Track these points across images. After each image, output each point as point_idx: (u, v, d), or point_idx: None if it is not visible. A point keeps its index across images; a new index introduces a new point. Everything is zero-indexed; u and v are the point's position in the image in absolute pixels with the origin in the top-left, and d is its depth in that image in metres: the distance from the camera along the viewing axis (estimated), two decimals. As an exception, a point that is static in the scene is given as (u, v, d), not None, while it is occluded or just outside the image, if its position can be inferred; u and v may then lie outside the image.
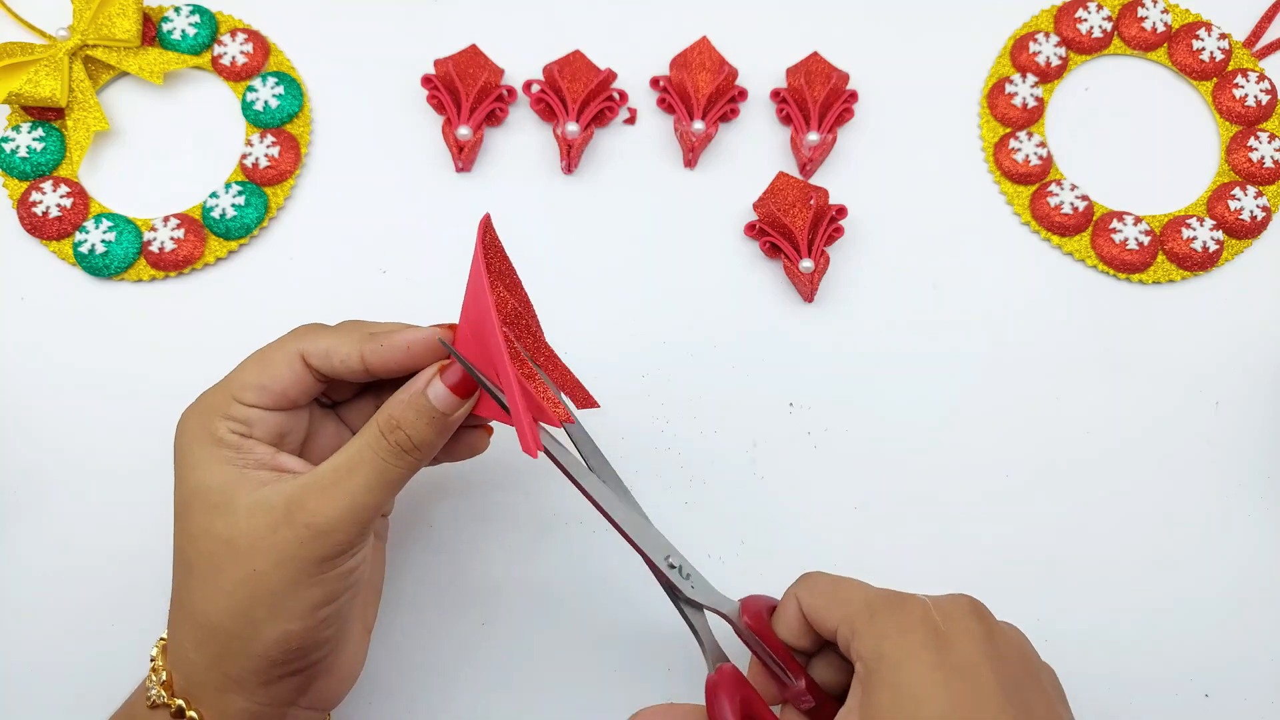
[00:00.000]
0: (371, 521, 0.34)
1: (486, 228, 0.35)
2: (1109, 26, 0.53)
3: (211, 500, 0.33)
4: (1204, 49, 0.52)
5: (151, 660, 0.35)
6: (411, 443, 0.34)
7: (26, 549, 0.44)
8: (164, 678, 0.34)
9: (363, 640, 0.37)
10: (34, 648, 0.43)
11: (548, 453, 0.34)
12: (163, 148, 0.51)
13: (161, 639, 0.36)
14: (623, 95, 0.51)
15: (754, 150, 0.51)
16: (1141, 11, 0.53)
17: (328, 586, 0.33)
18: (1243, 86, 0.52)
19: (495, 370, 0.34)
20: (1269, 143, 0.51)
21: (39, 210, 0.48)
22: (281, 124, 0.51)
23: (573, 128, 0.49)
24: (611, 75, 0.51)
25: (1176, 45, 0.53)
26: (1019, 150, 0.51)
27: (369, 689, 0.42)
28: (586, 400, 0.39)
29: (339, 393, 0.38)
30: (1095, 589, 0.45)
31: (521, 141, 0.51)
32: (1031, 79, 0.52)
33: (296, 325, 0.37)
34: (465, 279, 0.49)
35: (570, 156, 0.50)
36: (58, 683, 0.43)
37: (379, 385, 0.38)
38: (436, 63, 0.50)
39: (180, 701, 0.34)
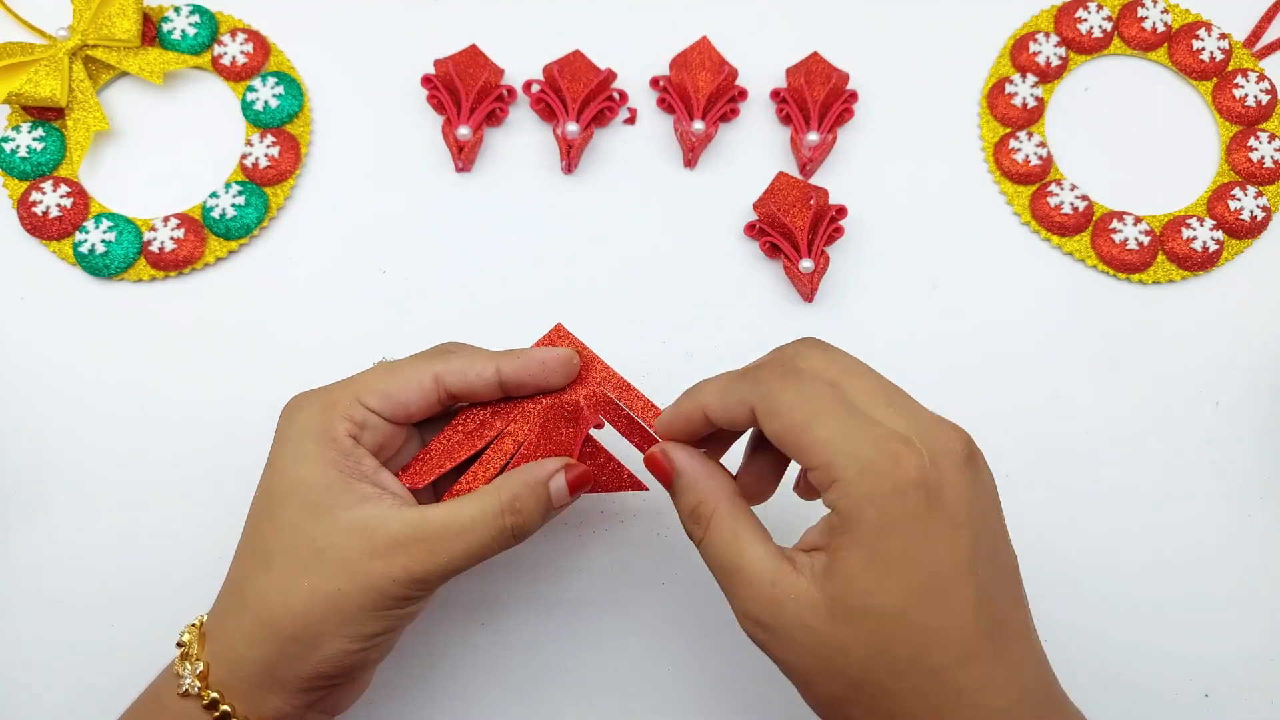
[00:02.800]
0: (453, 577, 0.35)
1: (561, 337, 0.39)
2: (1109, 26, 0.53)
3: (311, 499, 0.34)
4: (1204, 49, 0.52)
5: (181, 646, 0.35)
6: (523, 529, 0.35)
7: (26, 549, 0.44)
8: (200, 668, 0.34)
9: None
10: (34, 648, 0.43)
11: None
12: (163, 148, 0.51)
13: (193, 625, 0.35)
14: (623, 95, 0.51)
15: (754, 150, 0.51)
16: (1141, 11, 0.53)
17: (394, 621, 0.34)
18: (1243, 86, 0.52)
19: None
20: (1269, 143, 0.51)
21: (39, 210, 0.48)
22: (281, 124, 0.51)
23: (573, 128, 0.49)
24: (611, 75, 0.51)
25: (1176, 45, 0.53)
26: (1019, 150, 0.51)
27: (371, 690, 0.42)
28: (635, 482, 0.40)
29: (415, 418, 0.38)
30: (1095, 589, 0.45)
31: (521, 141, 0.51)
32: (1031, 79, 0.52)
33: (434, 345, 0.38)
34: (464, 279, 0.49)
35: (570, 156, 0.50)
36: (57, 683, 0.43)
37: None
38: (436, 63, 0.50)
39: (215, 694, 0.33)
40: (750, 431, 0.35)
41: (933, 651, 0.29)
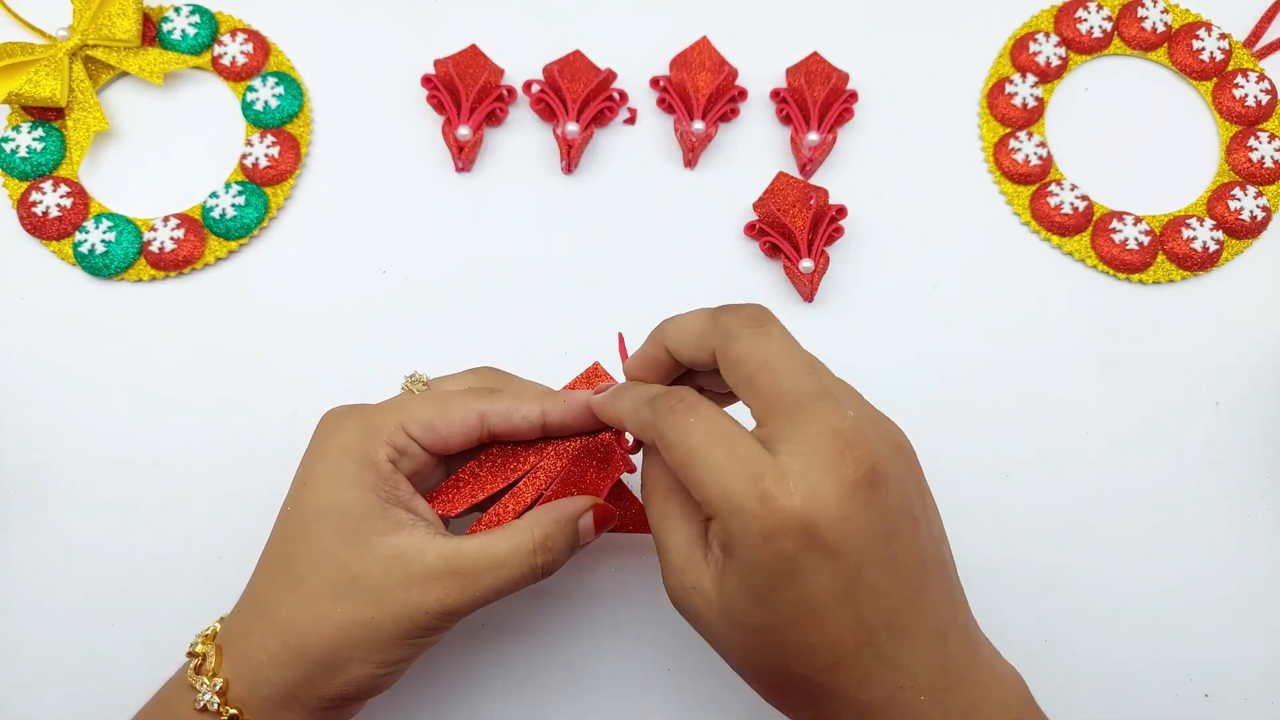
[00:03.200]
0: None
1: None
2: (1109, 26, 0.53)
3: (347, 525, 0.33)
4: (1204, 49, 0.52)
5: (196, 656, 0.34)
6: (552, 566, 0.35)
7: (26, 549, 0.44)
8: (220, 684, 0.33)
9: None
10: (34, 648, 0.43)
11: None
12: (163, 148, 0.51)
13: (205, 634, 0.35)
14: (623, 95, 0.51)
15: (754, 150, 0.51)
16: (1141, 11, 0.53)
17: (419, 648, 0.34)
18: (1243, 86, 0.52)
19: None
20: (1269, 143, 0.51)
21: (39, 210, 0.48)
22: (281, 124, 0.51)
23: (573, 128, 0.49)
24: (611, 75, 0.51)
25: (1176, 45, 0.53)
26: (1019, 150, 0.51)
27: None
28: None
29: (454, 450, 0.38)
30: (1095, 588, 0.45)
31: (521, 141, 0.51)
32: (1031, 79, 0.52)
33: (472, 369, 0.39)
34: (464, 278, 0.49)
35: (570, 156, 0.50)
36: (57, 683, 0.43)
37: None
38: (436, 63, 0.50)
39: (234, 710, 0.33)
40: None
41: (801, 662, 0.30)
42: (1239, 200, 0.50)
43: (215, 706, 0.33)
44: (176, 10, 0.52)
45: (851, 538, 0.29)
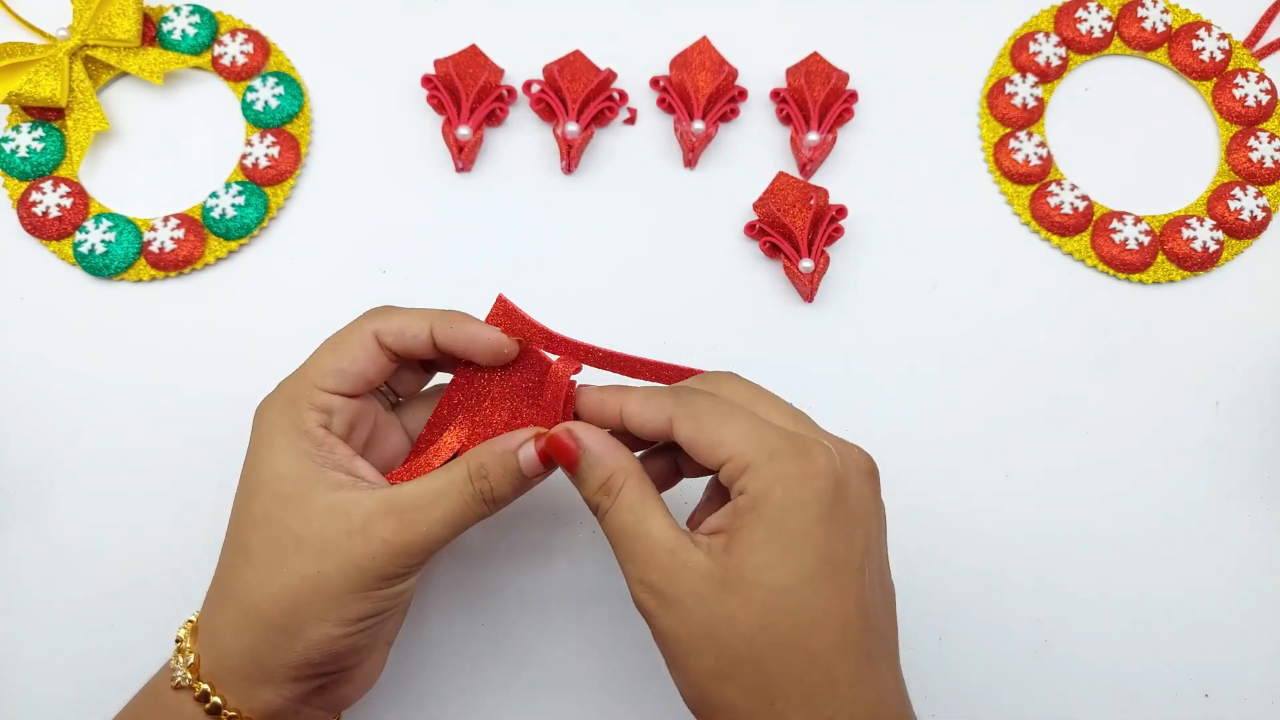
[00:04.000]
0: (436, 551, 0.35)
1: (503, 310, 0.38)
2: (1109, 26, 0.53)
3: (285, 490, 0.34)
4: (1204, 49, 0.52)
5: (178, 641, 0.35)
6: (493, 494, 0.35)
7: (26, 549, 0.44)
8: (191, 660, 0.34)
9: (383, 652, 0.38)
10: (34, 646, 0.43)
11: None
12: (163, 148, 0.51)
13: (190, 620, 0.36)
14: (623, 95, 0.51)
15: (754, 150, 0.51)
16: (1141, 11, 0.53)
17: (378, 602, 0.34)
18: (1243, 86, 0.52)
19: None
20: (1269, 143, 0.51)
21: (39, 210, 0.48)
22: (281, 124, 0.51)
23: (573, 128, 0.49)
24: (611, 75, 0.51)
25: (1176, 45, 0.53)
26: (1019, 150, 0.51)
27: (371, 690, 0.42)
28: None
29: (405, 385, 0.40)
30: (1095, 589, 0.45)
31: (521, 141, 0.51)
32: (1031, 79, 0.52)
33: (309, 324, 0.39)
34: (464, 278, 0.49)
35: (570, 156, 0.50)
36: (57, 682, 0.43)
37: (439, 388, 0.40)
38: (436, 63, 0.50)
39: (205, 685, 0.34)
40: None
41: (815, 635, 0.30)
42: (1239, 200, 0.50)
43: (188, 681, 0.34)
44: (176, 10, 0.52)
45: (865, 515, 0.32)
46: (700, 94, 0.50)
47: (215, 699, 0.33)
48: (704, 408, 0.33)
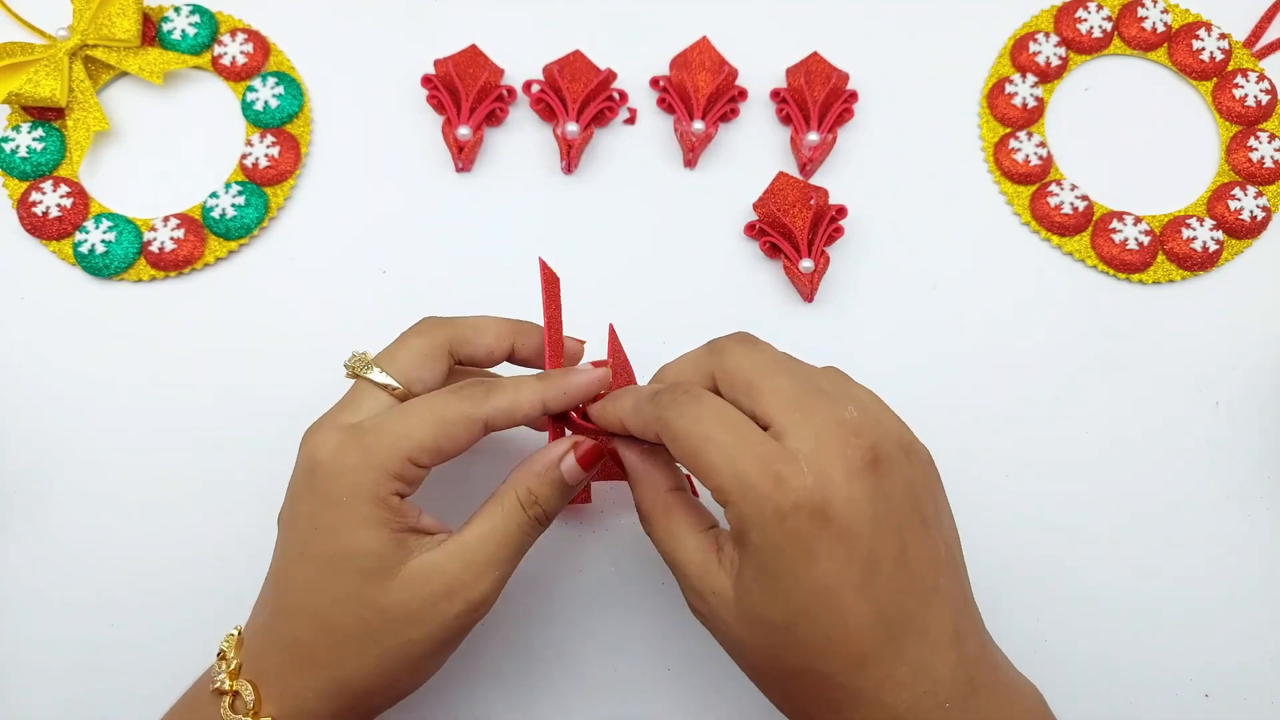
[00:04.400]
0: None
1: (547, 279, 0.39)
2: (1109, 26, 0.53)
3: (368, 566, 0.33)
4: (1204, 49, 0.52)
5: (226, 693, 0.34)
6: (546, 515, 0.35)
7: (26, 549, 0.44)
8: None
9: None
10: (34, 647, 0.43)
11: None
12: (163, 148, 0.51)
13: (228, 669, 0.34)
14: (623, 95, 0.51)
15: (754, 150, 0.51)
16: (1141, 11, 0.53)
17: (457, 646, 0.35)
18: (1243, 86, 0.52)
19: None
20: (1269, 143, 0.51)
21: (39, 210, 0.48)
22: (281, 124, 0.51)
23: (573, 128, 0.49)
24: (611, 75, 0.51)
25: (1176, 45, 0.53)
26: (1019, 150, 0.51)
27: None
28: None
29: (426, 388, 0.39)
30: (1095, 589, 0.45)
31: (521, 141, 0.51)
32: (1031, 79, 0.52)
33: (414, 329, 0.38)
34: (464, 278, 0.49)
35: (570, 156, 0.50)
36: (57, 683, 0.43)
37: None
38: (436, 63, 0.50)
39: None
40: None
41: (824, 659, 0.30)
42: (1239, 200, 0.50)
43: None
44: (176, 10, 0.52)
45: (861, 521, 0.29)
46: (700, 94, 0.50)
47: None
48: (684, 426, 0.31)
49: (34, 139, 0.49)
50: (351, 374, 0.37)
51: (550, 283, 0.39)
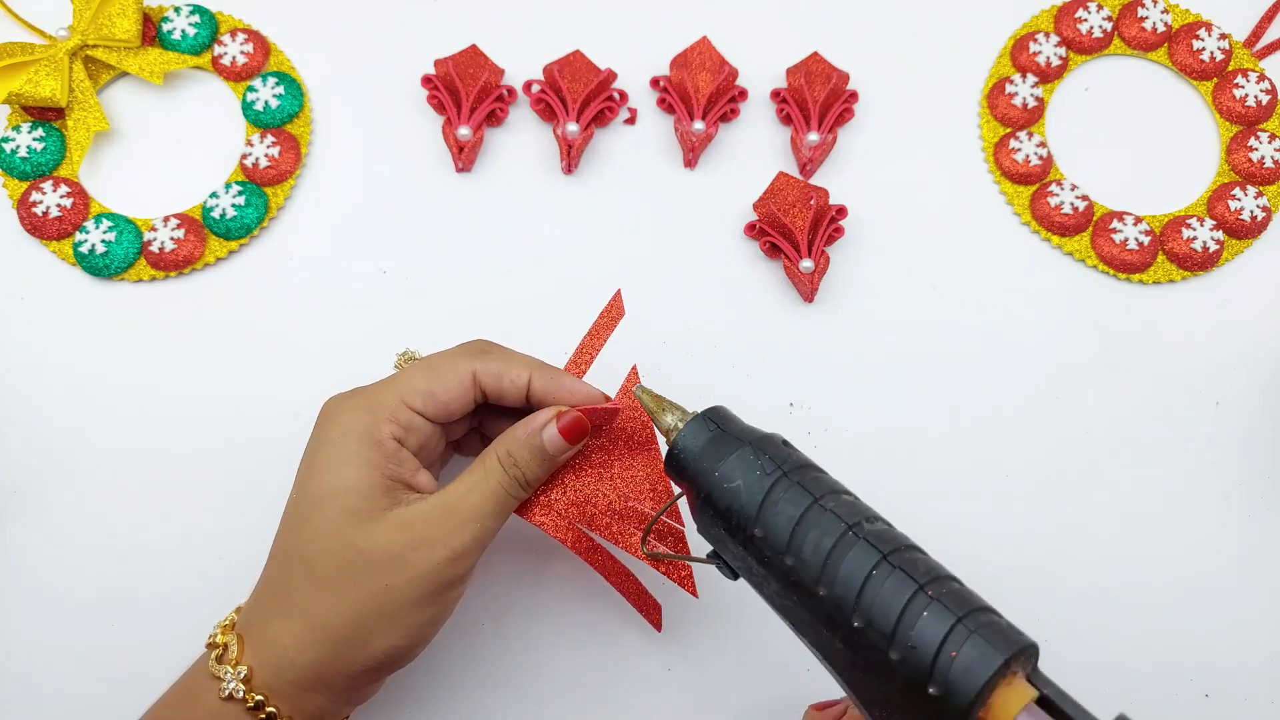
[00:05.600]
0: (487, 546, 0.36)
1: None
2: (1109, 26, 0.53)
3: (352, 504, 0.34)
4: (1204, 49, 0.52)
5: (217, 646, 0.34)
6: (525, 479, 0.36)
7: (26, 549, 0.44)
8: (244, 672, 0.34)
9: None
10: (33, 647, 0.43)
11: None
12: (163, 148, 0.51)
13: (224, 626, 0.35)
14: (623, 95, 0.51)
15: (754, 150, 0.51)
16: (1141, 11, 0.53)
17: (440, 606, 0.35)
18: (1243, 86, 0.52)
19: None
20: (1269, 143, 0.51)
21: (39, 210, 0.48)
22: (281, 124, 0.51)
23: (573, 128, 0.49)
24: (611, 75, 0.51)
25: (1176, 45, 0.53)
26: (1019, 150, 0.51)
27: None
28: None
29: (454, 433, 0.40)
30: (1095, 589, 0.45)
31: (521, 141, 0.51)
32: (1031, 79, 0.52)
33: (463, 343, 0.39)
34: (464, 278, 0.49)
35: (570, 156, 0.50)
36: (57, 682, 0.43)
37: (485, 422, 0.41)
38: (436, 63, 0.50)
39: (261, 697, 0.33)
40: None
41: None
42: (1239, 200, 0.50)
43: (241, 694, 0.33)
44: (176, 10, 0.52)
45: None
46: (700, 94, 0.50)
47: (271, 709, 0.33)
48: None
49: (34, 139, 0.49)
50: (397, 366, 0.39)
51: (614, 312, 0.40)
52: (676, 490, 0.37)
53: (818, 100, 0.50)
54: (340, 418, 0.35)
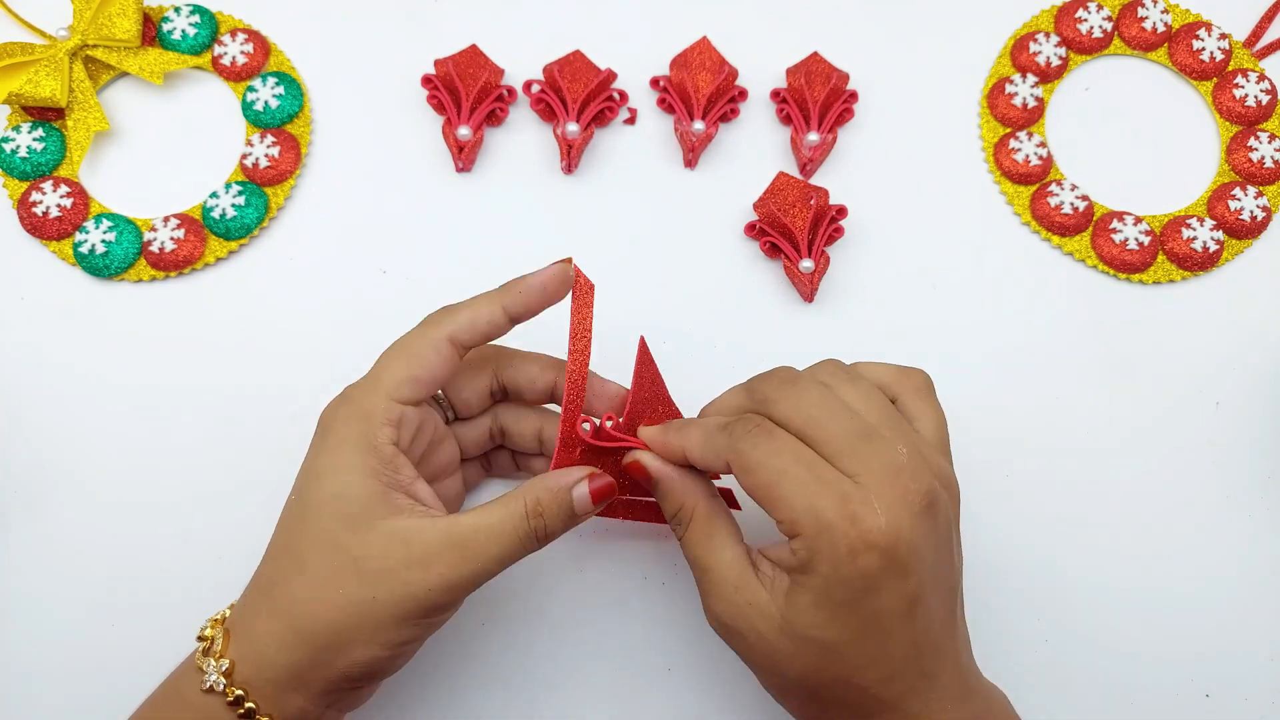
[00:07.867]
0: (484, 583, 0.35)
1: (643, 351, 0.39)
2: (1109, 26, 0.53)
3: (349, 511, 0.34)
4: (1204, 49, 0.52)
5: (205, 641, 0.35)
6: (545, 531, 0.36)
7: (26, 548, 0.44)
8: (226, 665, 0.34)
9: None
10: (34, 647, 0.43)
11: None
12: (163, 148, 0.51)
13: (215, 620, 0.35)
14: (623, 95, 0.51)
15: (754, 150, 0.51)
16: (1141, 11, 0.53)
17: (423, 629, 0.35)
18: (1243, 86, 0.52)
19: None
20: (1269, 143, 0.51)
21: (39, 210, 0.48)
22: (281, 124, 0.51)
23: (573, 128, 0.49)
24: (611, 75, 0.51)
25: (1176, 45, 0.53)
26: (1019, 150, 0.51)
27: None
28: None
29: (466, 402, 0.41)
30: (1095, 588, 0.45)
31: (521, 141, 0.51)
32: (1031, 79, 0.52)
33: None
34: (464, 278, 0.49)
35: (570, 156, 0.50)
36: (57, 682, 0.43)
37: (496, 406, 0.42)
38: (436, 63, 0.50)
39: (240, 691, 0.33)
40: None
41: (864, 673, 0.32)
42: (1239, 200, 0.50)
43: (221, 687, 0.33)
44: (176, 10, 0.52)
45: (918, 560, 0.32)
46: (700, 94, 0.50)
47: (250, 704, 0.33)
48: (758, 459, 0.33)
49: (34, 139, 0.49)
50: None
51: (584, 291, 0.39)
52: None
53: (818, 100, 0.50)
54: (336, 426, 0.35)
